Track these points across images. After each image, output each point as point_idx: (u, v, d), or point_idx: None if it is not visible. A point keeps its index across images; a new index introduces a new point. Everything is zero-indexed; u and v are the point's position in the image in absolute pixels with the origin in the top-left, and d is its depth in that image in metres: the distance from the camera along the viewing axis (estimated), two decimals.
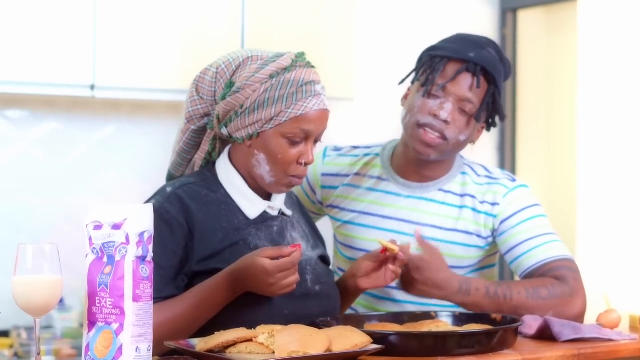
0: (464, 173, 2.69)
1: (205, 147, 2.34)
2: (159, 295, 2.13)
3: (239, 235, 2.25)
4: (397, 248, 2.39)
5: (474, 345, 2.13)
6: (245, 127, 2.23)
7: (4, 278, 2.32)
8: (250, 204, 2.29)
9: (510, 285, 2.49)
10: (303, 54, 2.28)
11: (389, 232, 2.62)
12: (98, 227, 1.87)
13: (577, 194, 4.68)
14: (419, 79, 2.60)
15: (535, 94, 4.91)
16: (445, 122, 2.54)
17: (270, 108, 2.20)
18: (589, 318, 2.54)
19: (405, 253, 2.41)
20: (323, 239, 2.50)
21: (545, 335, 2.34)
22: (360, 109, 4.52)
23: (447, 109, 2.54)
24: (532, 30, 4.91)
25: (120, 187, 4.09)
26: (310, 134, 2.24)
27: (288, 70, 2.22)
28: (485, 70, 2.55)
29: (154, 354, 1.90)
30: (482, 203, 2.63)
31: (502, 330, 2.18)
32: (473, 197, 2.65)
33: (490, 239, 2.65)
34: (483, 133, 2.67)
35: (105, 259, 1.86)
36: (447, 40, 2.64)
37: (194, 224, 2.21)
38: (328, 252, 2.50)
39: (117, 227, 1.86)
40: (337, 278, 2.53)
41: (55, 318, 3.81)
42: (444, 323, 2.31)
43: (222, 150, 2.35)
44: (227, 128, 2.26)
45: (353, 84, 4.18)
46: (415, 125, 2.57)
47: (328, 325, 2.18)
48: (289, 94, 2.21)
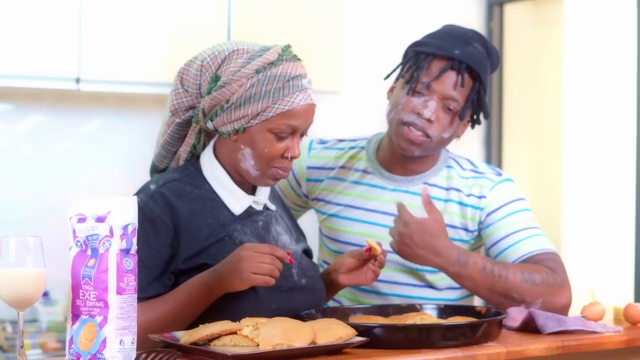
0: (450, 167, 2.69)
1: (191, 140, 2.33)
2: (144, 295, 2.12)
3: (225, 231, 2.24)
4: (380, 250, 2.40)
5: (459, 338, 2.14)
6: (231, 122, 2.22)
7: None
8: (235, 200, 2.28)
9: (507, 266, 2.49)
10: (289, 47, 2.27)
11: (374, 225, 2.63)
12: (82, 219, 1.87)
13: (562, 187, 4.69)
14: (404, 76, 2.60)
15: (522, 88, 4.92)
16: (429, 120, 2.54)
17: (257, 104, 2.20)
18: (573, 310, 2.55)
19: (384, 256, 2.42)
20: (304, 233, 2.50)
21: (530, 328, 2.34)
22: (347, 102, 4.52)
23: (430, 108, 2.54)
24: (518, 24, 4.92)
25: (106, 180, 4.08)
26: (297, 129, 2.24)
27: (274, 65, 2.21)
28: (470, 68, 2.55)
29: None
30: (468, 196, 2.64)
31: (486, 323, 2.18)
32: (459, 190, 2.65)
33: (476, 233, 2.65)
34: (468, 128, 2.67)
35: (89, 252, 1.86)
36: (432, 35, 2.63)
37: (179, 222, 2.20)
38: (312, 245, 2.50)
39: (101, 219, 1.85)
40: (321, 271, 2.53)
41: (41, 311, 3.80)
42: (429, 316, 2.31)
43: (207, 143, 2.35)
44: (212, 122, 2.25)
45: (340, 77, 4.18)
46: (399, 123, 2.57)
47: (312, 318, 2.18)
48: (276, 89, 2.20)
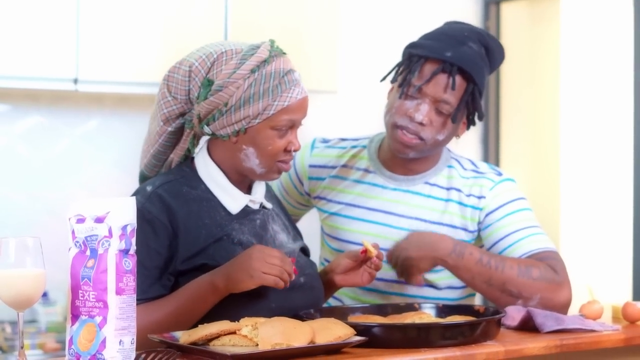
0: (451, 166, 2.69)
1: (185, 145, 2.32)
2: (144, 297, 2.12)
3: (223, 231, 2.25)
4: (374, 252, 2.40)
5: (457, 337, 2.14)
6: (232, 124, 2.22)
7: None
8: (232, 199, 2.29)
9: (504, 259, 2.50)
10: (274, 42, 2.28)
11: (375, 223, 2.63)
12: (81, 220, 1.87)
13: (560, 186, 4.70)
14: (397, 79, 2.60)
15: (519, 87, 4.93)
16: (421, 124, 2.54)
17: (257, 103, 2.20)
18: (572, 309, 2.55)
19: (380, 259, 2.43)
20: (300, 231, 2.50)
21: (528, 327, 2.35)
22: (343, 102, 4.52)
23: (422, 111, 2.54)
24: (515, 23, 4.93)
25: (104, 180, 4.08)
26: (296, 122, 2.25)
27: (267, 62, 2.22)
28: (463, 70, 2.54)
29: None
30: (468, 196, 2.64)
31: (485, 322, 2.18)
32: (459, 190, 2.65)
33: (476, 233, 2.65)
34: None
35: (88, 253, 1.86)
36: (427, 36, 2.62)
37: (177, 223, 2.20)
38: (314, 244, 2.50)
39: (99, 220, 1.86)
40: (321, 269, 2.54)
41: (40, 312, 3.81)
42: (427, 315, 2.31)
43: (196, 144, 2.35)
44: (209, 126, 2.24)
45: (336, 77, 4.18)
46: (393, 126, 2.58)
47: (311, 318, 2.19)
48: (274, 87, 2.21)
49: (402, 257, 2.47)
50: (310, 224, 2.91)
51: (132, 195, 2.25)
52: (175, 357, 1.91)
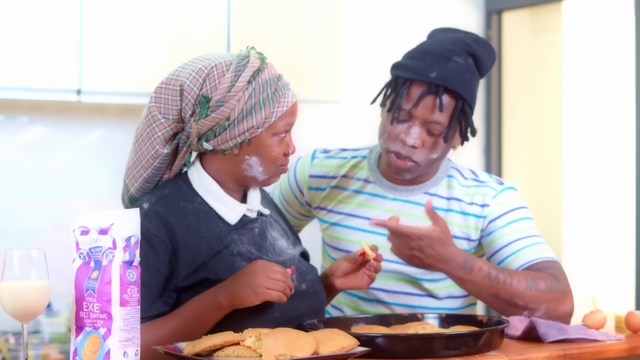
0: (451, 176, 2.69)
1: (181, 162, 2.29)
2: (146, 315, 2.10)
3: (222, 243, 2.24)
4: (372, 255, 2.40)
5: (460, 347, 2.14)
6: (234, 137, 2.21)
7: None
8: (229, 210, 2.28)
9: (512, 273, 2.49)
10: (254, 48, 2.28)
11: (375, 234, 2.63)
12: (85, 232, 1.88)
13: (563, 196, 4.70)
14: (386, 104, 2.60)
15: (521, 96, 4.93)
16: (413, 147, 2.54)
17: (260, 113, 2.20)
18: (575, 319, 2.55)
19: (378, 261, 2.42)
20: (299, 237, 2.51)
21: (531, 336, 2.35)
22: (346, 112, 4.53)
23: (413, 134, 2.54)
24: (517, 32, 4.94)
25: (108, 191, 4.08)
26: (292, 125, 2.27)
27: (260, 71, 2.22)
28: (449, 89, 2.52)
29: None
30: (470, 204, 2.64)
31: (488, 332, 2.19)
32: (460, 200, 2.65)
33: (477, 242, 2.65)
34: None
35: (92, 264, 1.86)
36: (411, 55, 2.60)
37: (176, 239, 2.19)
38: (316, 254, 2.50)
39: (103, 232, 1.86)
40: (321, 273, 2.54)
41: (43, 323, 3.81)
42: (431, 325, 2.31)
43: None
44: (208, 142, 2.23)
45: (339, 87, 4.19)
46: (386, 152, 2.58)
47: (315, 328, 2.19)
48: (272, 94, 2.22)
49: (416, 249, 2.42)
50: (312, 235, 2.92)
51: None
52: None
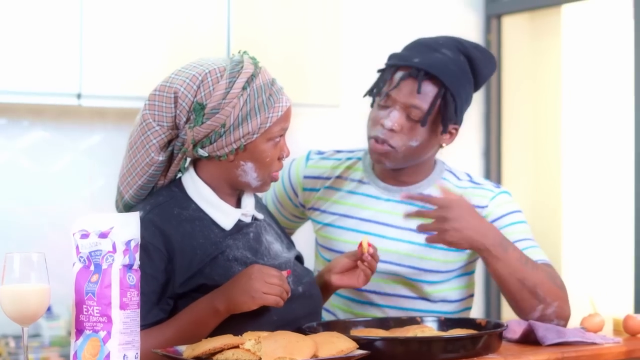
0: (445, 178, 2.69)
1: (176, 168, 2.30)
2: (145, 323, 2.10)
3: (218, 249, 2.24)
4: (368, 249, 2.41)
5: (459, 350, 2.15)
6: (230, 143, 2.21)
7: None
8: (224, 215, 2.28)
9: (535, 263, 2.49)
10: (247, 53, 2.28)
11: (368, 234, 2.63)
12: (85, 235, 1.89)
13: (562, 199, 4.71)
14: (372, 91, 2.62)
15: (520, 100, 4.94)
16: (391, 130, 2.55)
17: (255, 119, 2.21)
18: (573, 322, 2.56)
19: (375, 260, 2.43)
20: (292, 240, 2.51)
21: (530, 340, 2.36)
22: (346, 116, 4.53)
23: (392, 118, 2.54)
24: (516, 36, 4.94)
25: (108, 195, 4.07)
26: (286, 129, 2.27)
27: (255, 76, 2.22)
28: (431, 74, 2.52)
29: None
30: None
31: (486, 335, 2.19)
32: None
33: None
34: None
35: (92, 268, 1.87)
36: (404, 48, 2.64)
37: (172, 246, 2.19)
38: (309, 256, 2.50)
39: (103, 235, 1.87)
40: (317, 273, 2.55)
41: (43, 326, 3.81)
42: (429, 328, 2.32)
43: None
44: (204, 149, 2.22)
45: (339, 91, 4.19)
46: (368, 137, 2.60)
47: (314, 331, 2.20)
48: (267, 99, 2.22)
49: (445, 220, 2.40)
50: (304, 236, 2.93)
51: None
52: None
